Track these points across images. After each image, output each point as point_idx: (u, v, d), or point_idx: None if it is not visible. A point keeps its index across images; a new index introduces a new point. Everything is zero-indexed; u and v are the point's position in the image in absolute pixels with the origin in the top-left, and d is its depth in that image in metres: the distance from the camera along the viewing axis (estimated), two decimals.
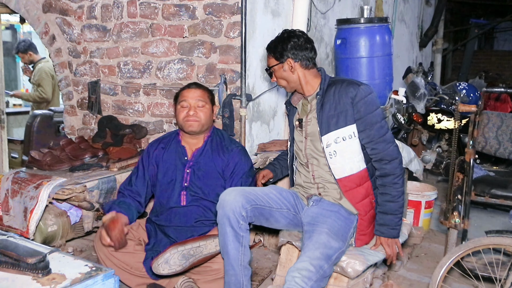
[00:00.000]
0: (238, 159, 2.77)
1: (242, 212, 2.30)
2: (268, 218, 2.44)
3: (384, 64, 3.54)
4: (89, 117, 4.02)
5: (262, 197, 2.42)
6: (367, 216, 2.43)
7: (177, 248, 2.42)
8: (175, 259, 2.41)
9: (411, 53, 7.69)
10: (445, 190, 3.80)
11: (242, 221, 2.31)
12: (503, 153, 3.09)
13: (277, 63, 2.48)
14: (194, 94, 2.75)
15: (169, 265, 2.40)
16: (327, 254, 2.23)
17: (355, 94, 2.36)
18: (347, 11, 4.98)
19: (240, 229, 2.31)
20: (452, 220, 2.96)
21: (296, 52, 2.44)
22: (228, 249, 2.33)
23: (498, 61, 12.17)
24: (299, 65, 2.46)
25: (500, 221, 4.21)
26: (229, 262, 2.35)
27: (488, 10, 11.15)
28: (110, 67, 3.84)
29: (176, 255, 2.41)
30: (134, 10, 3.65)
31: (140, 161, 2.91)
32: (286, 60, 2.45)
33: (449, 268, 2.37)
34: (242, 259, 2.34)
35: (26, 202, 2.85)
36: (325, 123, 2.41)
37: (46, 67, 5.52)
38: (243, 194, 2.35)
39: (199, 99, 2.74)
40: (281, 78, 2.52)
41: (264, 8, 3.58)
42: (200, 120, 2.73)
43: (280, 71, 2.49)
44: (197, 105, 2.74)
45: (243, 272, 2.35)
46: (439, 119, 4.95)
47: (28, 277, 1.82)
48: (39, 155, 3.29)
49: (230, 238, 2.31)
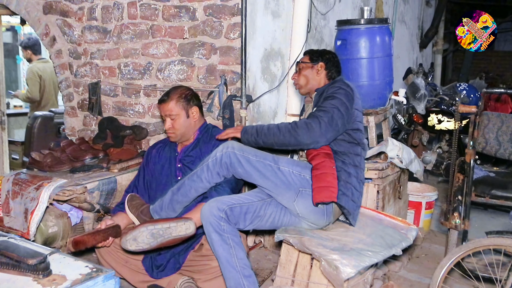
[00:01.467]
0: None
1: (220, 214, 2.38)
2: (256, 215, 2.48)
3: (384, 65, 3.54)
4: (90, 118, 4.02)
5: (240, 197, 2.50)
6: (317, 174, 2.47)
7: (146, 227, 2.41)
8: (143, 237, 2.40)
9: (412, 54, 7.69)
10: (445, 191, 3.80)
11: (223, 222, 2.38)
12: (503, 153, 3.09)
13: (309, 62, 2.86)
14: (164, 109, 2.85)
15: (137, 242, 2.40)
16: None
17: (333, 81, 2.74)
18: (347, 12, 4.98)
19: (223, 231, 2.37)
20: (452, 221, 2.96)
21: (329, 63, 2.84)
22: (219, 254, 2.39)
23: (498, 62, 12.16)
24: (325, 73, 2.84)
25: (501, 221, 4.21)
26: (224, 267, 2.39)
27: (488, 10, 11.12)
28: (110, 68, 3.85)
29: (145, 233, 2.40)
30: (134, 12, 3.65)
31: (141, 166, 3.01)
32: (318, 63, 2.83)
33: (449, 269, 2.37)
34: (235, 261, 2.36)
35: (26, 204, 2.86)
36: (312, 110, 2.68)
37: (35, 68, 5.54)
38: (219, 200, 2.46)
39: (169, 114, 2.83)
40: (304, 77, 2.86)
41: (264, 9, 3.58)
42: (175, 131, 2.85)
43: (307, 69, 2.86)
44: (169, 118, 2.84)
45: (242, 273, 2.36)
46: (440, 120, 4.95)
47: (28, 278, 1.82)
48: (40, 157, 3.29)
49: (218, 243, 2.37)
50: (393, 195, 3.40)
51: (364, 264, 2.33)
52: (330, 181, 2.46)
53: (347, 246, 2.43)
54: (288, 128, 2.50)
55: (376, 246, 2.46)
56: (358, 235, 2.56)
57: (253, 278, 2.41)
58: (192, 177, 2.58)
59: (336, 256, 2.32)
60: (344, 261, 2.28)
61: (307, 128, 2.46)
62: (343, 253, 2.34)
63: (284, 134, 2.49)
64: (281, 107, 3.89)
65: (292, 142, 2.49)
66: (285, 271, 2.55)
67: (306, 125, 2.47)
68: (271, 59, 3.72)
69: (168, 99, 2.82)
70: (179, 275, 2.62)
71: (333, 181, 2.47)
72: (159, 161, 2.91)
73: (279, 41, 3.80)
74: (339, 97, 2.57)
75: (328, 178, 2.46)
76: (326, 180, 2.45)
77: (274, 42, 3.74)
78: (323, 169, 2.48)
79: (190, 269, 2.65)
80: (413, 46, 7.76)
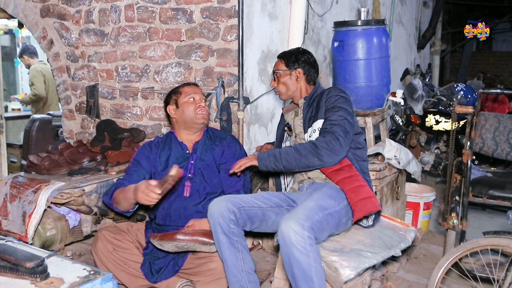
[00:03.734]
0: (234, 145, 2.94)
1: (230, 216, 2.34)
2: (263, 219, 2.46)
3: (381, 66, 3.54)
4: (88, 121, 4.02)
5: (249, 200, 2.47)
6: (354, 190, 2.45)
7: (174, 242, 2.51)
8: (169, 246, 2.54)
9: (409, 55, 7.70)
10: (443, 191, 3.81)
11: (232, 225, 2.35)
12: (500, 154, 3.10)
13: (286, 69, 2.73)
14: (197, 90, 2.92)
15: (162, 247, 2.56)
16: (321, 205, 2.31)
17: (327, 93, 2.64)
18: (345, 13, 4.99)
19: (232, 233, 2.35)
20: (450, 221, 2.97)
21: (307, 67, 2.73)
22: (226, 256, 2.36)
23: (496, 62, 12.19)
24: (304, 78, 2.74)
25: (499, 222, 4.21)
26: (229, 270, 2.38)
27: (486, 11, 11.17)
28: (108, 71, 3.85)
29: (170, 244, 2.53)
30: (131, 14, 3.66)
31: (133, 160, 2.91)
32: (296, 69, 2.73)
33: (447, 269, 2.37)
34: (242, 265, 2.36)
35: (24, 207, 2.85)
36: (307, 123, 2.66)
37: (38, 67, 5.75)
38: (229, 199, 2.41)
39: (202, 94, 2.91)
40: (283, 84, 2.76)
41: (261, 11, 3.59)
42: (208, 113, 2.89)
43: (285, 77, 2.74)
44: (202, 99, 2.89)
45: (247, 278, 2.36)
46: (437, 121, 4.96)
47: (26, 281, 1.83)
48: (38, 160, 3.29)
49: (225, 245, 2.35)
50: (391, 196, 3.40)
51: (364, 266, 2.33)
52: (368, 191, 2.47)
53: (346, 247, 2.43)
54: (309, 150, 2.45)
55: (375, 247, 2.46)
56: (357, 236, 2.56)
57: (257, 283, 2.42)
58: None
59: (335, 257, 2.32)
60: (344, 263, 2.28)
61: (328, 148, 2.43)
62: (343, 254, 2.34)
63: (307, 156, 2.44)
64: (278, 108, 3.89)
65: (317, 163, 2.47)
66: (284, 272, 2.55)
67: (326, 144, 2.43)
68: (268, 60, 3.73)
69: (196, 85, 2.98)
70: (177, 278, 2.63)
71: (370, 191, 2.48)
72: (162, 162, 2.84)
73: (276, 42, 3.80)
74: (343, 106, 2.56)
75: (364, 189, 2.46)
76: (364, 192, 2.46)
77: (271, 44, 3.75)
78: (354, 182, 2.46)
79: (188, 272, 2.65)
80: (411, 47, 7.77)
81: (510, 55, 11.95)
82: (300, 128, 2.73)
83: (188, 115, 2.82)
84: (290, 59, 2.74)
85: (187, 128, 2.86)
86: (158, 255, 2.69)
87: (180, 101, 2.85)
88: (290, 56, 2.76)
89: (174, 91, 2.93)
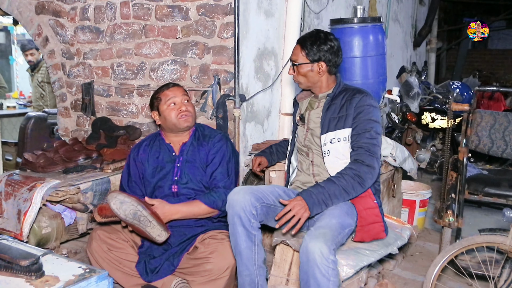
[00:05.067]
0: (220, 145, 2.80)
1: (252, 210, 2.28)
2: (273, 216, 2.40)
3: (377, 63, 3.55)
4: (83, 118, 4.01)
5: (269, 195, 2.40)
6: (366, 212, 2.41)
7: (138, 205, 2.43)
8: (128, 208, 2.42)
9: (405, 53, 7.71)
10: (439, 189, 3.81)
11: (253, 219, 2.29)
12: (496, 151, 3.11)
13: (307, 62, 2.47)
14: (178, 91, 2.77)
15: (120, 206, 2.42)
16: (341, 224, 2.26)
17: (358, 100, 2.43)
18: (341, 11, 4.99)
19: (252, 227, 2.29)
20: (446, 219, 2.97)
21: (330, 57, 2.46)
22: (241, 249, 2.31)
23: (492, 60, 12.23)
24: (327, 70, 2.49)
25: (494, 219, 4.23)
26: (243, 262, 2.33)
27: (482, 9, 11.20)
28: (103, 68, 3.83)
29: (131, 207, 2.42)
30: (127, 11, 3.64)
31: (126, 167, 2.91)
32: (318, 62, 2.46)
33: (443, 266, 2.37)
34: (256, 258, 2.32)
35: (19, 205, 2.84)
36: (326, 123, 2.47)
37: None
38: (252, 192, 2.33)
39: (183, 95, 2.78)
40: (303, 76, 2.51)
41: (257, 9, 3.58)
42: (192, 114, 2.77)
43: (305, 70, 2.49)
44: (184, 100, 2.76)
45: (258, 271, 2.33)
46: (433, 118, 4.97)
47: (21, 280, 1.82)
48: (33, 157, 3.28)
49: (243, 238, 2.29)
50: (387, 194, 3.40)
51: (362, 264, 2.33)
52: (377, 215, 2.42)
53: (345, 245, 2.43)
54: (357, 184, 2.32)
55: (373, 245, 2.46)
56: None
57: (265, 274, 2.38)
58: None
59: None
60: (342, 261, 2.28)
61: (371, 174, 2.35)
62: (341, 252, 2.34)
63: (355, 190, 2.33)
64: (274, 106, 3.89)
65: (362, 191, 2.37)
66: (280, 270, 2.55)
67: (370, 173, 2.34)
68: (265, 58, 3.72)
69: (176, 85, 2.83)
70: (173, 277, 2.62)
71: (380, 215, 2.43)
72: (151, 163, 2.82)
73: (272, 40, 3.80)
74: (377, 120, 2.43)
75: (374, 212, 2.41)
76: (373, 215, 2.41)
77: (267, 41, 3.74)
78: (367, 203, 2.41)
79: (184, 271, 2.63)
80: (407, 44, 7.78)
81: (505, 53, 11.98)
82: (315, 124, 2.55)
83: (171, 122, 2.74)
84: (312, 50, 2.45)
85: (173, 131, 2.80)
86: (153, 254, 2.68)
87: (161, 108, 2.75)
88: (312, 45, 2.45)
89: (154, 97, 2.81)
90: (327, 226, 2.22)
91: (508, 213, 2.35)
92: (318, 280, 2.09)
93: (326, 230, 2.19)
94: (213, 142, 2.79)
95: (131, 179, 2.87)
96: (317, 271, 2.08)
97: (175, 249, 2.68)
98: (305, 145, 2.61)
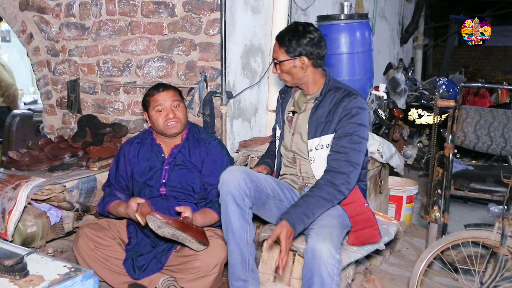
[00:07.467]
0: (216, 153, 2.77)
1: (246, 190, 2.24)
2: (263, 205, 2.38)
3: (364, 60, 3.56)
4: (69, 116, 3.97)
5: (262, 181, 2.36)
6: (358, 218, 2.40)
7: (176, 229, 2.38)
8: (166, 231, 2.38)
9: (392, 49, 7.74)
10: (426, 184, 3.84)
11: (247, 198, 2.25)
12: (481, 147, 3.12)
13: (288, 59, 2.37)
14: (167, 96, 2.72)
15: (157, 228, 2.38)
16: (342, 223, 2.29)
17: (346, 104, 2.35)
18: (328, 7, 5.00)
19: (245, 206, 2.25)
20: (432, 215, 2.99)
21: (312, 50, 2.35)
22: (234, 228, 2.26)
23: (478, 57, 12.33)
24: (311, 63, 2.39)
25: (480, 214, 4.27)
26: (235, 241, 2.28)
27: (468, 6, 11.28)
28: (89, 65, 3.80)
29: (170, 230, 2.38)
30: (113, 8, 3.61)
31: (115, 161, 2.90)
32: (299, 57, 2.36)
33: (429, 262, 2.39)
34: (247, 237, 2.29)
35: (4, 203, 2.81)
36: (314, 127, 2.41)
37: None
38: (246, 172, 2.29)
39: (173, 100, 2.73)
40: (287, 73, 2.42)
41: (244, 5, 3.57)
42: (180, 120, 2.73)
43: (288, 67, 2.39)
44: (173, 106, 2.72)
45: (249, 250, 2.30)
46: (420, 115, 4.99)
47: (5, 280, 1.80)
48: (17, 155, 3.24)
49: (236, 216, 2.24)
50: (374, 190, 3.42)
51: (349, 260, 2.34)
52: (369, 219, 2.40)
53: None
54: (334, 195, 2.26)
55: None
56: None
57: (254, 253, 2.35)
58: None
59: None
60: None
61: (348, 184, 2.29)
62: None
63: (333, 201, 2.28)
64: (261, 103, 3.89)
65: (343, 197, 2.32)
66: (267, 267, 2.55)
67: (347, 182, 2.28)
68: (251, 55, 3.72)
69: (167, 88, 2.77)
70: (160, 274, 2.61)
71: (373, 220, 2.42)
72: (140, 162, 2.81)
73: (259, 37, 3.79)
74: (363, 124, 2.36)
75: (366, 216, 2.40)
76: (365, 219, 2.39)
77: (254, 38, 3.73)
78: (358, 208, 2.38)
79: (172, 269, 2.63)
80: (394, 41, 7.82)
81: (491, 50, 12.08)
82: (302, 127, 2.49)
83: (158, 128, 2.73)
84: (291, 45, 2.34)
85: (162, 135, 2.79)
86: (141, 251, 2.66)
87: (150, 112, 2.73)
88: (290, 41, 2.34)
89: (145, 99, 2.79)
90: (331, 225, 2.22)
91: (493, 209, 2.37)
92: (323, 278, 2.09)
93: (331, 229, 2.19)
94: (209, 149, 2.77)
95: (118, 174, 2.86)
96: (324, 269, 2.09)
97: (163, 247, 2.68)
98: (292, 150, 2.55)
